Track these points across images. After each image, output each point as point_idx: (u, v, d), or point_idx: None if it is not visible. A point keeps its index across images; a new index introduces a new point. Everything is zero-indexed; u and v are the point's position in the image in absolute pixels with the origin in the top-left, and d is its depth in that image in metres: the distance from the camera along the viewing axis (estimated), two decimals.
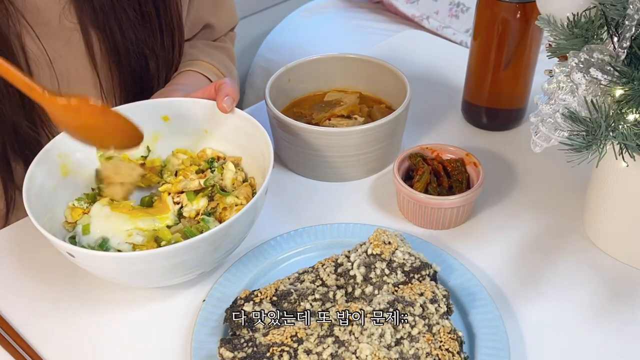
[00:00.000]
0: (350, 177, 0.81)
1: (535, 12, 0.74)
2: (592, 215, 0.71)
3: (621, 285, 0.67)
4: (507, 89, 0.85)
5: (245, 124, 0.73)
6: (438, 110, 0.93)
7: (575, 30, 0.57)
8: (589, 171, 0.70)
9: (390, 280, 0.61)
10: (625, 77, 0.52)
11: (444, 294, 0.60)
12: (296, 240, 0.71)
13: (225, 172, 0.73)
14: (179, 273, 0.63)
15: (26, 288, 0.69)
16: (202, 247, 0.60)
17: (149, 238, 0.67)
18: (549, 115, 0.56)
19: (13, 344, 0.63)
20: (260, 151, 0.71)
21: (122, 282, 0.66)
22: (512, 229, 0.74)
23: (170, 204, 0.71)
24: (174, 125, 0.77)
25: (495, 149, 0.85)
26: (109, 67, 0.82)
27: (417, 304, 0.58)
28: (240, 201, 0.70)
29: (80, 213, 0.70)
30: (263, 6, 1.97)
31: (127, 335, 0.64)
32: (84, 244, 0.67)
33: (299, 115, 0.86)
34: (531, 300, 0.66)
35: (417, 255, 0.63)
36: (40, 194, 0.67)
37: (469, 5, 1.69)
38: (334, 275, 0.63)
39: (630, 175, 0.64)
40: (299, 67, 0.88)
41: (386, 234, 0.63)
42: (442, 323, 0.57)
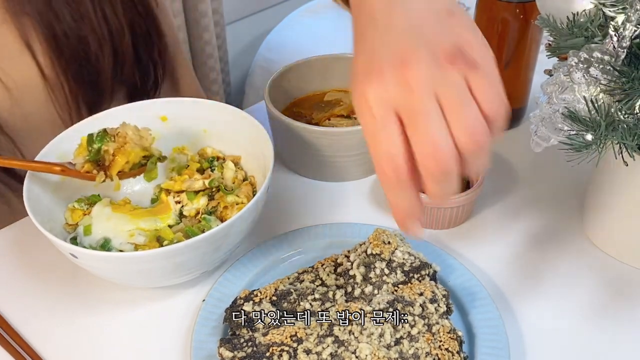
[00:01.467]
0: (350, 177, 0.81)
1: (535, 12, 0.74)
2: (592, 215, 0.71)
3: (621, 285, 0.67)
4: (507, 89, 0.84)
5: (244, 124, 0.73)
6: None
7: (575, 29, 0.57)
8: (588, 171, 0.70)
9: (390, 280, 0.61)
10: (625, 77, 0.52)
11: (443, 294, 0.60)
12: (296, 240, 0.71)
13: (226, 171, 0.73)
14: (181, 272, 0.63)
15: (26, 288, 0.69)
16: (203, 247, 0.60)
17: (151, 238, 0.68)
18: (549, 115, 0.56)
19: (13, 343, 0.63)
20: (260, 150, 0.71)
21: (124, 282, 0.66)
22: (512, 228, 0.74)
23: (171, 203, 0.71)
24: (172, 126, 0.77)
25: (496, 148, 0.85)
26: (49, 58, 0.76)
27: (416, 304, 0.58)
28: (241, 200, 0.70)
29: (80, 214, 0.70)
30: (263, 6, 1.97)
31: (126, 335, 0.64)
32: (86, 244, 0.67)
33: (299, 115, 0.86)
34: (531, 300, 0.66)
35: (417, 255, 0.63)
36: (41, 195, 0.67)
37: (469, 5, 1.68)
38: (334, 275, 0.63)
39: (630, 175, 0.63)
40: (299, 67, 0.87)
41: (386, 234, 0.63)
42: (442, 323, 0.57)
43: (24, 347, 0.63)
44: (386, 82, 0.46)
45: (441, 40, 0.47)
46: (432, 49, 0.46)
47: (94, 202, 0.71)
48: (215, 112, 0.74)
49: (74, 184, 0.72)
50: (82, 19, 0.76)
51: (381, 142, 0.47)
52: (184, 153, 0.76)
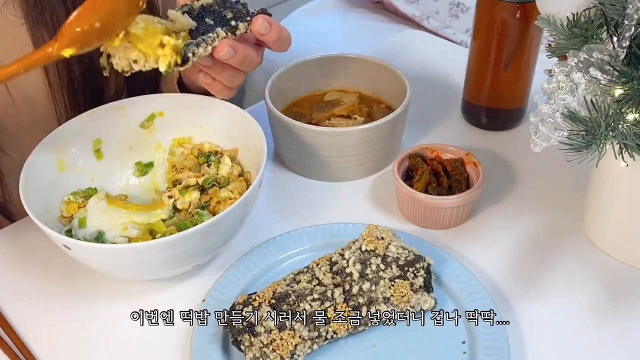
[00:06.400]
0: (350, 177, 0.81)
1: (535, 12, 0.74)
2: (592, 215, 0.71)
3: (621, 285, 0.67)
4: (507, 89, 0.85)
5: (239, 119, 0.74)
6: (438, 110, 0.93)
7: (575, 30, 0.57)
8: (589, 171, 0.70)
9: (386, 275, 0.61)
10: (625, 77, 0.52)
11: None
12: (296, 241, 0.71)
13: (222, 166, 0.74)
14: (173, 265, 0.64)
15: (26, 288, 0.69)
16: (194, 240, 0.61)
17: (144, 231, 0.68)
18: (548, 115, 0.56)
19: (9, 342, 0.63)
20: (255, 145, 0.71)
21: (118, 275, 0.67)
22: (512, 228, 0.74)
23: (164, 198, 0.71)
24: (169, 121, 0.77)
25: (495, 149, 0.85)
26: (56, 68, 0.76)
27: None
28: (235, 195, 0.70)
29: (75, 207, 0.70)
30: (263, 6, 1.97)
31: (126, 335, 0.64)
32: (80, 237, 0.67)
33: (299, 115, 0.86)
34: (531, 300, 0.66)
35: (411, 249, 0.63)
36: (37, 188, 0.67)
37: (469, 5, 1.68)
38: (330, 274, 0.63)
39: (630, 175, 0.63)
40: (299, 67, 0.87)
41: (378, 229, 0.63)
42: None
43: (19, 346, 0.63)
44: None
45: None
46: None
47: (90, 195, 0.71)
48: (211, 107, 0.74)
49: (70, 176, 0.72)
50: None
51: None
52: (184, 146, 0.77)
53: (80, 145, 0.73)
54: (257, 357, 0.57)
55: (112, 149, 0.76)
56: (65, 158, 0.72)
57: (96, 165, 0.75)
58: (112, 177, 0.76)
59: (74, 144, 0.73)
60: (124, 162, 0.77)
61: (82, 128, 0.73)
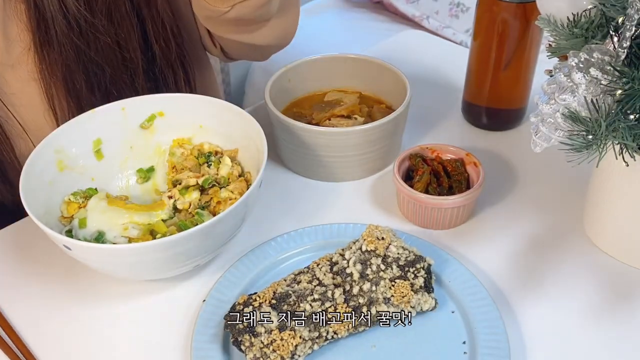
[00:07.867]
0: (351, 177, 0.81)
1: (535, 12, 0.74)
2: (592, 215, 0.71)
3: (621, 285, 0.67)
4: (507, 89, 0.85)
5: (239, 119, 0.74)
6: (438, 110, 0.93)
7: (575, 30, 0.57)
8: (589, 171, 0.70)
9: (386, 276, 0.61)
10: (625, 77, 0.52)
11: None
12: (296, 241, 0.71)
13: (222, 166, 0.74)
14: (173, 265, 0.64)
15: (26, 288, 0.69)
16: (194, 240, 0.61)
17: (145, 231, 0.68)
18: (549, 115, 0.56)
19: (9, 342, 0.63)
20: (255, 145, 0.71)
21: (118, 275, 0.67)
22: (512, 229, 0.74)
23: (165, 198, 0.71)
24: (169, 121, 0.77)
25: (495, 149, 0.85)
26: (67, 107, 0.79)
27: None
28: (235, 196, 0.71)
29: (76, 207, 0.70)
30: None
31: (126, 335, 0.64)
32: (80, 237, 0.67)
33: (299, 115, 0.86)
34: (531, 300, 0.66)
35: (411, 249, 0.63)
36: (37, 188, 0.67)
37: (469, 5, 1.68)
38: (330, 274, 0.63)
39: (631, 175, 0.63)
40: (299, 67, 0.88)
41: (379, 230, 0.63)
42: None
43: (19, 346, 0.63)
44: None
45: None
46: None
47: (90, 196, 0.71)
48: (211, 107, 0.74)
49: (71, 177, 0.72)
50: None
51: None
52: (184, 147, 0.77)
53: (80, 146, 0.73)
54: (258, 358, 0.57)
55: (112, 149, 0.76)
56: (65, 158, 0.72)
57: (96, 166, 0.75)
58: (113, 177, 0.76)
59: (74, 144, 0.73)
60: (124, 163, 0.77)
61: (82, 128, 0.73)
